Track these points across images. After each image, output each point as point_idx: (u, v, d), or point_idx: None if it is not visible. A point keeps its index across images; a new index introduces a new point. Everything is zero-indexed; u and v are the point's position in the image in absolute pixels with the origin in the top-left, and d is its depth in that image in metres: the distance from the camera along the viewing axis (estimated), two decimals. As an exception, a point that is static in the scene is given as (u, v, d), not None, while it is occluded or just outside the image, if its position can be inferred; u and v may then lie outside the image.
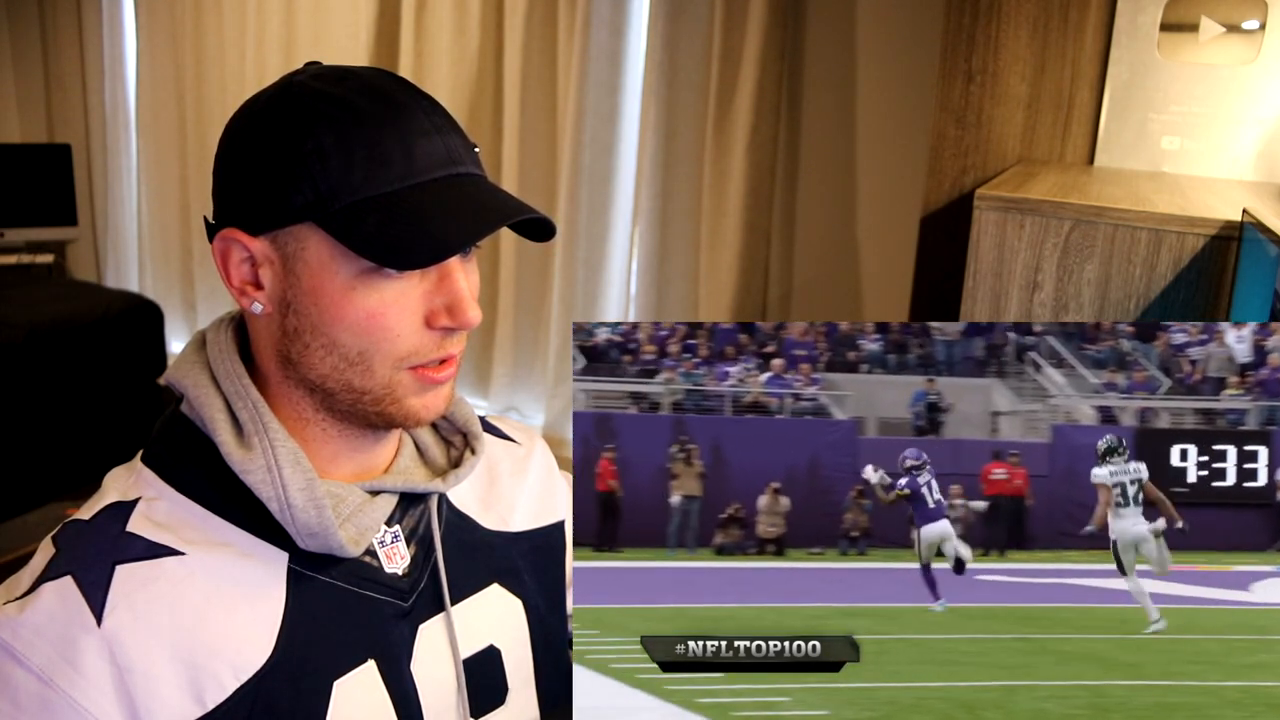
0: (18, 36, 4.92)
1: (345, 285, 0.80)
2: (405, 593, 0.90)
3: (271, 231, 0.81)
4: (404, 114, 0.81)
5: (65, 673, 0.76)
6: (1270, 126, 2.11)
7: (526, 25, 3.45)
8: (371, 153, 0.79)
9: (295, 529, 0.83)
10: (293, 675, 0.82)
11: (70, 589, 0.78)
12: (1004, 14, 2.27)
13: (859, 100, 3.03)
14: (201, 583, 0.81)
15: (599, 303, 3.55)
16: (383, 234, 0.78)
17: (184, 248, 4.61)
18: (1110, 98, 2.23)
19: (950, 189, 2.36)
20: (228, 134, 0.85)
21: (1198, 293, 1.65)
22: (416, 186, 0.80)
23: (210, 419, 0.85)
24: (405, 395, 0.85)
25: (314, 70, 0.85)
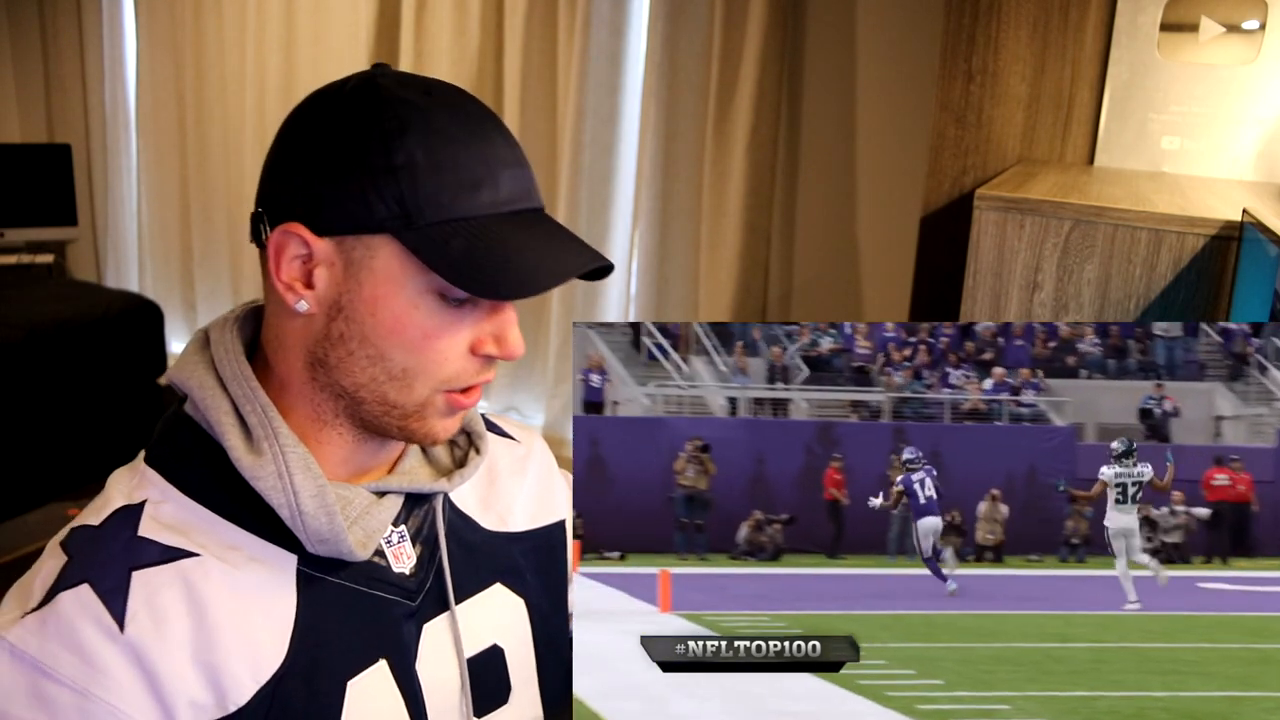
0: (18, 36, 4.92)
1: (409, 302, 0.80)
2: (413, 592, 0.90)
3: (341, 235, 0.79)
4: (489, 140, 0.81)
5: (100, 681, 0.75)
6: (1270, 126, 2.11)
7: (526, 25, 3.45)
8: (461, 176, 0.79)
9: (306, 535, 0.82)
10: (308, 676, 0.82)
11: (89, 597, 0.77)
12: (1004, 14, 2.27)
13: (859, 100, 3.03)
14: (217, 585, 0.80)
15: (599, 303, 3.55)
16: (469, 259, 0.78)
17: (184, 248, 4.61)
18: (1110, 98, 2.23)
19: (950, 189, 2.36)
20: (299, 125, 0.82)
21: (1198, 293, 1.65)
22: (499, 216, 0.80)
23: (217, 422, 0.83)
24: (432, 416, 0.85)
25: (395, 75, 0.83)
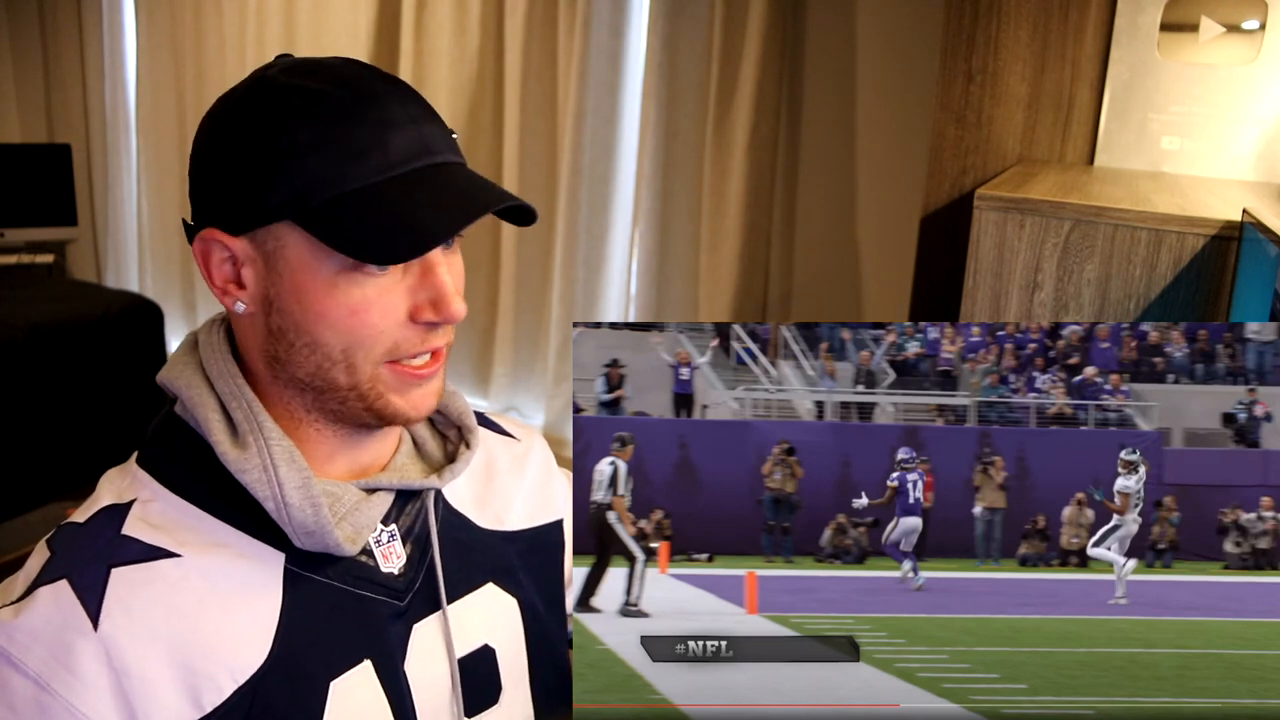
0: (18, 36, 4.91)
1: (327, 283, 0.79)
2: (401, 592, 0.89)
3: (251, 231, 0.80)
4: (378, 105, 0.80)
5: (62, 677, 0.75)
6: (1270, 126, 2.11)
7: (526, 25, 3.45)
8: (346, 146, 0.78)
9: (291, 528, 0.82)
10: (290, 676, 0.82)
11: (66, 592, 0.77)
12: (1004, 14, 2.27)
13: (859, 100, 3.03)
14: (198, 584, 0.80)
15: (599, 303, 3.55)
16: (361, 229, 0.77)
17: (184, 248, 4.59)
18: (1110, 98, 2.23)
19: (950, 189, 2.36)
20: (201, 133, 0.84)
21: (1198, 293, 1.65)
22: (394, 179, 0.79)
23: (204, 419, 0.84)
24: (387, 392, 0.84)
25: (285, 64, 0.83)
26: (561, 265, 3.49)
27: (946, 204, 2.37)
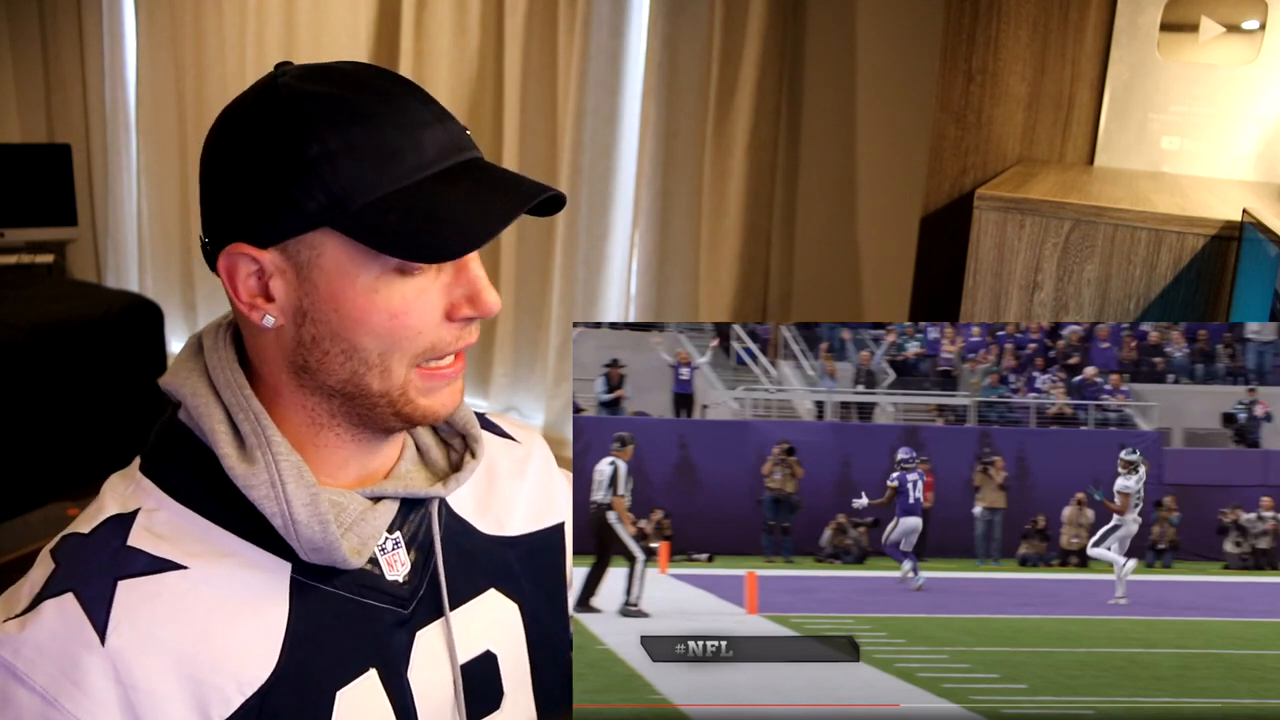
0: (18, 36, 4.92)
1: (367, 288, 0.79)
2: (406, 600, 0.89)
3: (282, 242, 0.79)
4: (400, 106, 0.79)
5: (69, 692, 0.75)
6: (1270, 126, 2.11)
7: (526, 25, 3.45)
8: (379, 149, 0.77)
9: (299, 544, 0.82)
10: (297, 687, 0.81)
11: (72, 606, 0.77)
12: (1004, 14, 2.27)
13: (859, 100, 3.03)
14: (205, 596, 0.80)
15: (599, 303, 3.55)
16: (407, 230, 0.76)
17: (184, 248, 4.60)
18: (1110, 98, 2.23)
19: (950, 189, 2.36)
20: (214, 147, 0.82)
21: (1198, 293, 1.65)
22: (431, 178, 0.79)
23: (210, 430, 0.83)
24: (417, 395, 0.84)
25: (295, 70, 0.82)
26: (561, 265, 3.50)
27: (946, 204, 2.37)
